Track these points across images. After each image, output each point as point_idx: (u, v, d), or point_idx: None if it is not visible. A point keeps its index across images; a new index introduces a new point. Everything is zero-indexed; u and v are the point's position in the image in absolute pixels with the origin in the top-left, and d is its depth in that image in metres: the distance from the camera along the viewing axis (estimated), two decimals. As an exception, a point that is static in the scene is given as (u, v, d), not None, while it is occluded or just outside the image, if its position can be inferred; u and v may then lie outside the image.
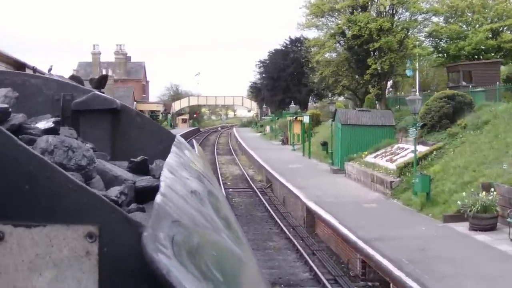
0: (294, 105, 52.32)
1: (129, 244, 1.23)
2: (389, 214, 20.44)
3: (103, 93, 3.21)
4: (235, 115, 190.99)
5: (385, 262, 13.96)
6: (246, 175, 41.63)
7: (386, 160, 27.07)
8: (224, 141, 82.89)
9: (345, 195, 24.82)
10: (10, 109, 1.99)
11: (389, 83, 46.52)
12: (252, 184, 36.79)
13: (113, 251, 1.24)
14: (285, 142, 57.40)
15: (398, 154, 27.32)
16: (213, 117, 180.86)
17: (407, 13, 36.04)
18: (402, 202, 22.33)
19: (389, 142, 30.35)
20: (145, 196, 1.92)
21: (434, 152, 24.85)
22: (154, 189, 1.74)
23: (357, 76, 39.68)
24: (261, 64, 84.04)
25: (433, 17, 36.57)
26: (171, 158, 2.15)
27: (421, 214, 20.14)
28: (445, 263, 14.19)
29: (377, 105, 46.98)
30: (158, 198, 1.40)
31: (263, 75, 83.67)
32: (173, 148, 2.48)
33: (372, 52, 36.31)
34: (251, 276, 1.79)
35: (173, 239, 1.21)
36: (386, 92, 45.44)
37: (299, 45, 74.28)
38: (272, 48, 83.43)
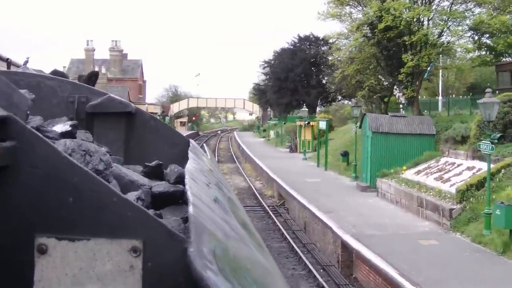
0: (306, 109, 46.71)
1: (173, 259, 1.21)
2: (461, 259, 15.01)
3: None
4: (234, 118, 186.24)
5: None
6: (253, 188, 36.19)
7: (435, 179, 21.65)
8: (225, 146, 77.50)
9: (388, 224, 19.39)
10: (28, 112, 2.00)
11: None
12: (262, 201, 31.34)
13: (157, 265, 1.22)
14: (293, 149, 51.98)
15: (449, 171, 21.91)
16: (212, 120, 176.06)
17: (446, 2, 30.62)
18: (469, 239, 16.90)
19: (432, 155, 24.98)
20: (161, 201, 1.90)
21: (503, 171, 19.42)
22: (171, 195, 1.93)
23: (381, 78, 34.29)
24: (265, 64, 78.67)
25: (475, 7, 31.14)
26: (190, 165, 2.11)
27: (506, 260, 14.72)
28: None
29: (401, 109, 41.64)
30: (191, 209, 1.37)
31: (268, 76, 78.24)
32: (190, 154, 2.42)
33: (404, 47, 30.88)
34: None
35: (215, 254, 1.19)
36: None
37: (308, 43, 68.99)
38: (276, 48, 77.97)
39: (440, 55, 30.93)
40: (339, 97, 68.58)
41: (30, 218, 1.24)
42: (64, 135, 2.00)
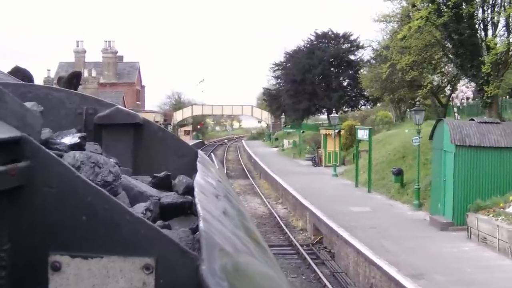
0: (337, 115, 38.77)
1: (185, 276, 1.23)
2: None
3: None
4: (240, 126, 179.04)
5: None
6: (277, 216, 28.23)
7: None
8: (234, 157, 69.65)
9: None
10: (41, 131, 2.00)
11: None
12: (291, 236, 23.42)
13: (169, 283, 1.24)
14: (317, 162, 43.97)
15: None
16: (218, 128, 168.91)
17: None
18: None
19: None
20: (169, 212, 1.92)
21: None
22: (180, 206, 1.93)
23: (445, 72, 26.28)
24: (276, 67, 70.89)
25: None
26: (199, 177, 2.07)
27: None
28: None
29: (455, 113, 33.68)
30: (202, 224, 1.36)
31: (280, 79, 70.50)
32: (199, 165, 2.38)
33: (479, 28, 23.05)
34: None
35: (226, 270, 1.19)
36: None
37: (326, 41, 61.17)
38: (286, 49, 69.72)
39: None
40: (363, 101, 60.94)
41: (44, 236, 1.26)
42: (73, 147, 1.99)
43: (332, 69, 59.97)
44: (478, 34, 23.34)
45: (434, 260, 15.01)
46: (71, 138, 2.10)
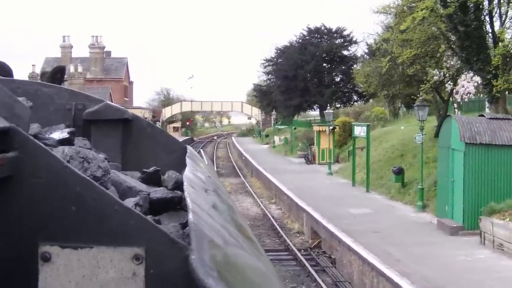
0: (331, 110, 37.48)
1: (175, 266, 1.22)
2: None
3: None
4: (229, 122, 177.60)
5: None
6: (271, 217, 26.87)
7: None
8: (224, 154, 68.21)
9: None
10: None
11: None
12: (287, 240, 22.07)
13: (159, 273, 1.24)
14: (310, 160, 42.65)
15: None
16: (207, 125, 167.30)
17: None
18: None
19: None
20: (159, 207, 1.90)
21: None
22: (169, 201, 1.92)
23: (447, 65, 25.00)
24: (267, 63, 69.54)
25: None
26: (189, 171, 2.08)
27: None
28: None
29: (455, 110, 32.46)
30: (191, 216, 1.37)
31: (271, 75, 69.12)
32: (188, 160, 2.40)
33: (485, 20, 21.85)
34: None
35: (216, 261, 1.20)
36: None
37: (319, 36, 59.85)
38: (277, 45, 68.51)
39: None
40: (355, 97, 59.78)
41: (34, 227, 1.26)
42: (62, 142, 1.98)
43: (325, 64, 58.75)
44: (484, 27, 22.12)
45: (448, 270, 13.73)
46: (60, 133, 2.09)
